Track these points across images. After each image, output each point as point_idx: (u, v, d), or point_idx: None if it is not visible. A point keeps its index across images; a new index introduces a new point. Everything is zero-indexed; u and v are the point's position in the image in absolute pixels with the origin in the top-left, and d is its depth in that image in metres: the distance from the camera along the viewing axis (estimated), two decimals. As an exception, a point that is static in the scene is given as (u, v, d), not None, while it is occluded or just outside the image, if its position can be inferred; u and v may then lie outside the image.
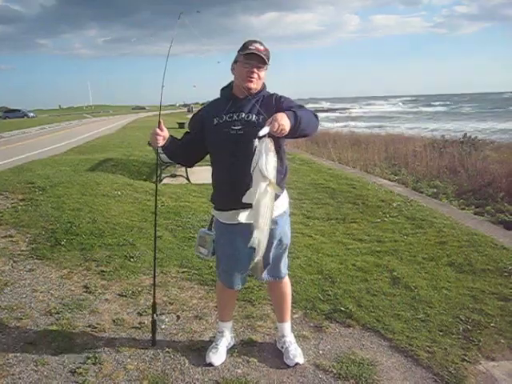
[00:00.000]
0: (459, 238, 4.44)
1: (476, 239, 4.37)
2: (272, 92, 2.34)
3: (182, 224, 5.05)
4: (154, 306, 2.68)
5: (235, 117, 2.22)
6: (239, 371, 2.48)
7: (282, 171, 2.26)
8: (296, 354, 2.54)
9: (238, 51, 2.25)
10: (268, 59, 2.22)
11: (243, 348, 2.70)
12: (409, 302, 3.23)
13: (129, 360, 2.57)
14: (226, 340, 2.65)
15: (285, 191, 2.42)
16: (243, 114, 2.22)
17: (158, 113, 2.41)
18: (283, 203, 2.40)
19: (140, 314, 3.11)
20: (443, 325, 2.92)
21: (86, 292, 3.44)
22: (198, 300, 3.35)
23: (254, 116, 2.21)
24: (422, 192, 7.81)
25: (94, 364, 2.51)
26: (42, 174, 7.51)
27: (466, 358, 2.57)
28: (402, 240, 4.52)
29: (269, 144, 1.94)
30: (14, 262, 4.01)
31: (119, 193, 6.18)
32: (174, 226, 4.97)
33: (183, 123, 21.25)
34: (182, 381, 2.40)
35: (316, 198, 6.50)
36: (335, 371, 2.47)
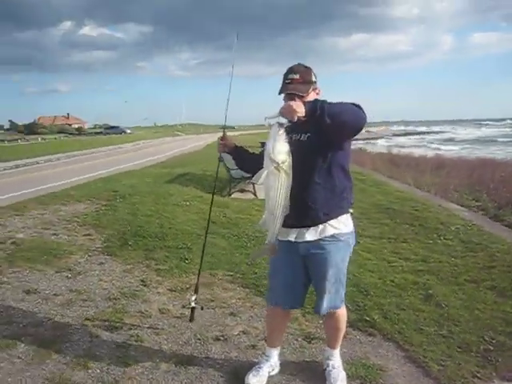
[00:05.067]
0: (511, 264, 4.34)
1: (529, 266, 4.24)
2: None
3: (238, 234, 5.45)
4: (196, 287, 3.00)
5: (292, 138, 2.23)
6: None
7: (334, 189, 2.26)
8: (337, 378, 2.50)
9: (282, 82, 2.30)
10: (309, 84, 2.26)
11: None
12: (435, 319, 3.29)
13: (165, 342, 2.97)
14: (270, 365, 2.60)
15: (345, 217, 2.34)
16: (297, 136, 2.26)
17: (245, 132, 2.74)
18: (337, 227, 2.29)
19: (183, 307, 3.50)
20: (464, 342, 2.96)
21: (142, 285, 3.94)
22: (237, 300, 3.68)
23: (304, 135, 2.26)
24: (502, 220, 7.13)
25: (135, 341, 2.95)
26: (125, 184, 8.42)
27: (478, 375, 2.61)
28: (447, 261, 4.51)
29: (277, 128, 2.05)
30: (89, 256, 4.66)
31: (188, 203, 6.78)
32: (231, 235, 5.39)
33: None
34: (205, 363, 2.73)
35: (375, 218, 6.58)
36: (344, 370, 2.65)
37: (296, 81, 2.24)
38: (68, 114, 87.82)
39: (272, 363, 2.61)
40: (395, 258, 4.74)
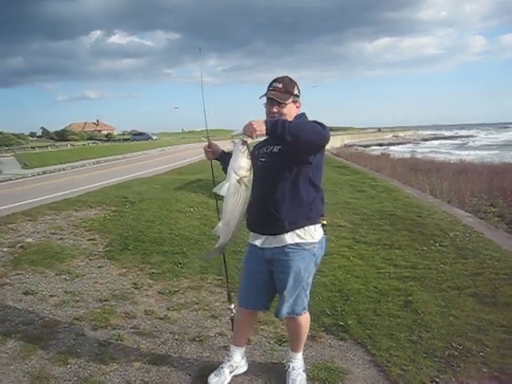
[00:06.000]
0: (498, 271, 4.34)
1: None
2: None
3: (234, 239, 5.60)
4: (229, 296, 2.97)
5: (264, 150, 2.43)
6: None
7: (300, 201, 2.34)
8: (296, 379, 2.60)
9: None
10: (289, 95, 2.36)
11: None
12: (408, 325, 3.36)
13: (144, 341, 3.15)
14: (231, 365, 2.70)
15: (313, 228, 2.40)
16: (270, 147, 2.39)
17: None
18: (302, 236, 2.37)
19: (168, 309, 3.70)
20: (431, 348, 3.03)
21: (133, 287, 4.16)
22: (221, 303, 3.83)
23: (276, 147, 2.37)
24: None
25: (116, 340, 3.15)
26: (136, 190, 8.72)
27: (437, 380, 2.68)
28: (436, 268, 4.54)
29: (239, 146, 2.18)
30: (90, 259, 4.92)
31: (192, 209, 6.99)
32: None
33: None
34: (177, 362, 2.90)
35: (375, 224, 6.62)
36: (306, 373, 2.77)
37: (278, 89, 2.37)
38: (97, 120, 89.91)
39: (233, 363, 2.71)
40: (385, 264, 4.80)
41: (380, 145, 57.30)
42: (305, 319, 2.62)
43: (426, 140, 73.35)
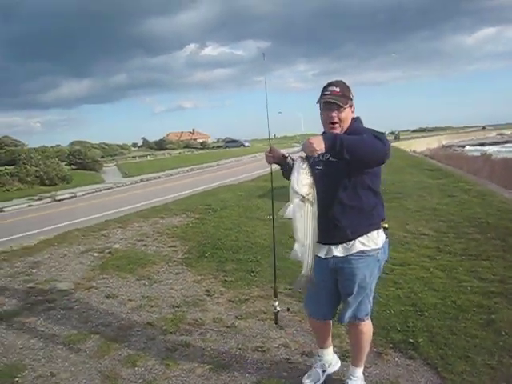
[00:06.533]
0: None
1: None
2: (358, 126, 2.41)
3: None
4: (275, 292, 2.94)
5: (321, 157, 2.34)
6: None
7: (361, 208, 2.33)
8: None
9: (320, 94, 2.38)
10: (347, 99, 2.33)
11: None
12: (488, 347, 3.05)
13: (208, 349, 3.24)
14: (323, 364, 2.77)
15: (375, 234, 2.38)
16: (327, 155, 2.31)
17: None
18: (366, 243, 2.35)
19: (236, 318, 3.77)
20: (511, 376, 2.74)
21: (206, 294, 4.30)
22: (289, 313, 3.78)
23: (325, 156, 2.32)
24: None
25: (182, 346, 3.28)
26: (220, 198, 9.01)
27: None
28: (530, 284, 4.09)
29: (300, 163, 2.15)
30: (169, 265, 5.18)
31: (270, 217, 7.02)
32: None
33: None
34: (237, 372, 2.94)
35: (464, 233, 6.14)
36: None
37: (336, 93, 2.32)
38: (193, 129, 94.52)
39: (324, 362, 2.78)
40: (469, 277, 4.42)
41: (482, 144, 53.09)
42: (367, 326, 2.57)
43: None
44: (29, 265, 5.58)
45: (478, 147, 46.27)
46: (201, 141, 77.29)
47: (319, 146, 2.05)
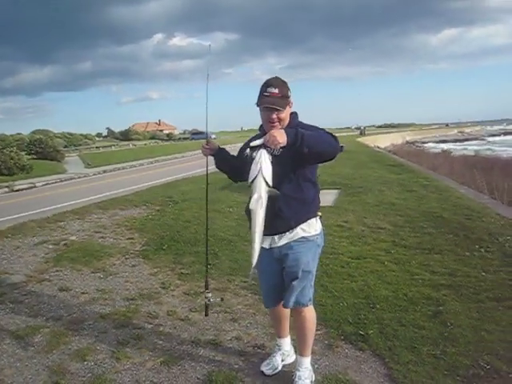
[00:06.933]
0: (548, 282, 4.00)
1: None
2: (299, 121, 2.46)
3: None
4: (206, 284, 3.04)
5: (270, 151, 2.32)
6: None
7: (303, 199, 2.41)
8: None
9: (259, 94, 2.37)
10: (286, 99, 2.35)
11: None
12: (433, 338, 3.16)
13: (161, 342, 3.22)
14: (282, 353, 2.85)
15: (314, 220, 2.48)
16: (270, 149, 2.28)
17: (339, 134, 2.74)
18: (306, 230, 2.44)
19: (190, 310, 3.76)
20: (454, 365, 2.81)
21: (161, 287, 4.26)
22: (243, 306, 3.83)
23: (277, 150, 2.31)
24: None
25: (134, 339, 3.24)
26: (181, 190, 8.94)
27: (454, 400, 2.53)
28: (476, 276, 4.25)
29: (266, 155, 2.17)
30: (126, 258, 5.11)
31: (231, 210, 7.05)
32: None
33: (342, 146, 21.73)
34: (188, 365, 2.94)
35: (419, 227, 6.32)
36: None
37: (275, 95, 2.32)
38: (159, 120, 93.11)
39: (284, 351, 2.86)
40: (421, 270, 4.57)
41: (443, 141, 54.75)
42: (310, 313, 2.63)
43: (494, 135, 69.15)
44: (-22, 257, 5.38)
45: (439, 144, 47.68)
46: (167, 132, 76.33)
47: (282, 139, 2.09)
